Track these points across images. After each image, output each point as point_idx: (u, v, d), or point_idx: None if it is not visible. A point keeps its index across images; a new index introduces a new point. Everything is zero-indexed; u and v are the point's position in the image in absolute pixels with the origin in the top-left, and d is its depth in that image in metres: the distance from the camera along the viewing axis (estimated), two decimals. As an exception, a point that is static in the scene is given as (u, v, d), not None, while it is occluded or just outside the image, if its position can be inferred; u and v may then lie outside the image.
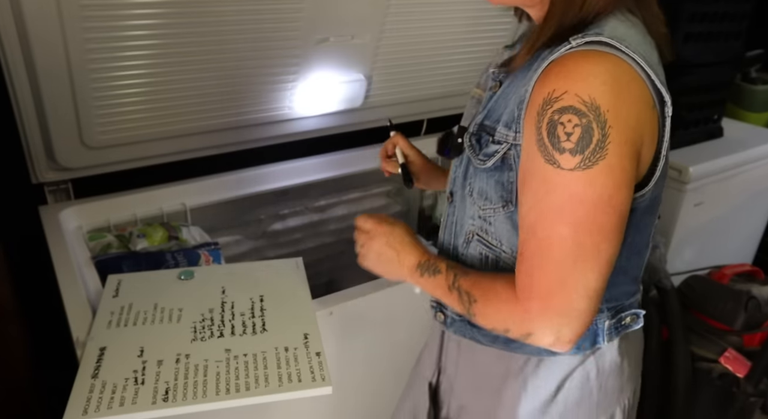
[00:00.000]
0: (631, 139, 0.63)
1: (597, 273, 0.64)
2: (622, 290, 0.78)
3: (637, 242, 0.75)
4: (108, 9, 1.05)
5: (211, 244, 1.29)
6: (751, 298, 1.45)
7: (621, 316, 0.79)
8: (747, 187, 1.90)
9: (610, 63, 0.63)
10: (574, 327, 0.65)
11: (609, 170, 0.62)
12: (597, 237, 0.63)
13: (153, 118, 1.26)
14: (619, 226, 0.65)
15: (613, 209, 0.63)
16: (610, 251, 0.64)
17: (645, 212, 0.72)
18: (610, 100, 0.62)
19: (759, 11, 2.01)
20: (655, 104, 0.66)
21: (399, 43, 1.46)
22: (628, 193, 0.64)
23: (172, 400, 0.78)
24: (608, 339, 0.79)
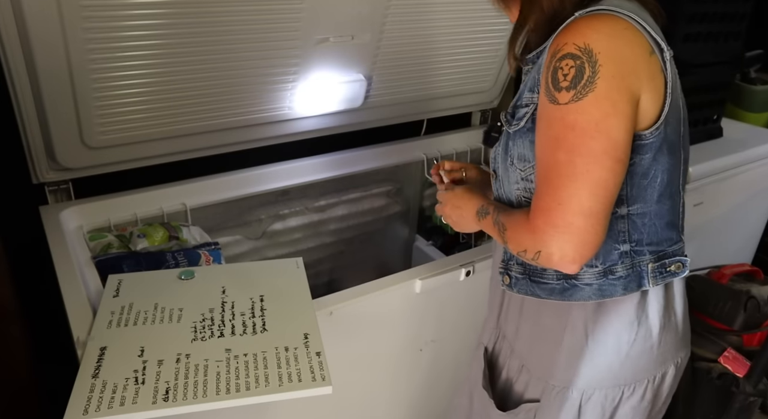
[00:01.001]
0: (621, 74, 0.73)
1: (588, 192, 0.72)
2: (662, 235, 0.84)
3: (663, 180, 0.81)
4: (108, 9, 1.05)
5: (212, 244, 1.29)
6: (750, 298, 1.45)
7: (665, 262, 0.85)
8: (746, 187, 1.91)
9: (607, 18, 0.74)
10: (575, 244, 0.73)
11: (596, 101, 0.72)
12: (587, 159, 0.72)
13: (153, 118, 1.26)
14: (610, 150, 0.72)
15: (600, 133, 0.72)
16: (601, 173, 0.72)
17: (663, 150, 0.79)
18: (602, 44, 0.72)
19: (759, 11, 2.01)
20: (654, 51, 0.75)
21: (399, 43, 1.46)
22: (617, 121, 0.72)
23: (172, 400, 0.78)
24: (653, 282, 0.85)
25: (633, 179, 0.80)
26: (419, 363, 1.26)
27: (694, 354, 1.45)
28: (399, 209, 1.81)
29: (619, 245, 0.83)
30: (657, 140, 0.78)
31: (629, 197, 0.81)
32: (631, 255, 0.84)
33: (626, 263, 0.84)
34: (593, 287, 0.84)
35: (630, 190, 0.80)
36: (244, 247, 1.54)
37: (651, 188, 0.81)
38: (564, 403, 0.92)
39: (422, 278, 1.14)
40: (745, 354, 1.42)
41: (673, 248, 0.86)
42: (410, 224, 1.87)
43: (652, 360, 0.90)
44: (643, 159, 0.79)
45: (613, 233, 0.82)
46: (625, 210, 0.81)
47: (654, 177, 0.80)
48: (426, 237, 1.85)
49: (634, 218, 0.82)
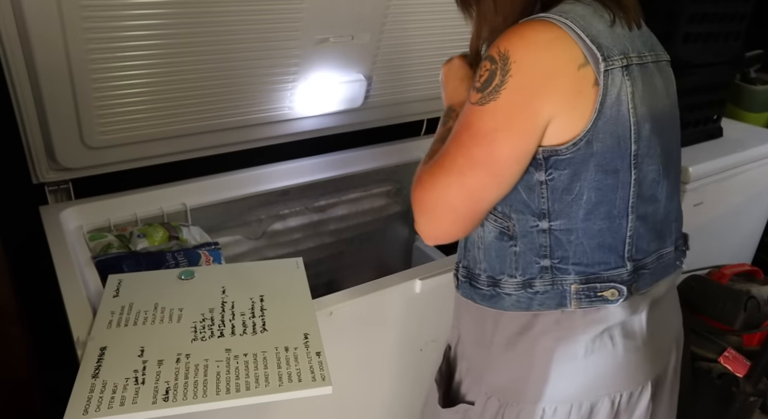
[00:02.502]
0: (529, 88, 0.72)
1: (456, 190, 0.76)
2: (593, 257, 0.80)
3: (592, 199, 0.77)
4: (108, 9, 1.05)
5: (212, 244, 1.29)
6: (750, 298, 1.45)
7: (596, 286, 0.81)
8: (746, 187, 1.91)
9: (540, 25, 0.73)
10: (431, 226, 0.80)
11: (494, 111, 0.73)
12: (466, 162, 0.75)
13: (153, 118, 1.26)
14: (487, 163, 0.74)
15: (486, 144, 0.74)
16: (473, 181, 0.75)
17: (588, 167, 0.75)
18: (521, 53, 0.72)
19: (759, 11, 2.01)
20: (588, 62, 0.72)
21: (399, 43, 1.46)
22: (505, 137, 0.73)
23: (172, 400, 0.78)
24: (576, 304, 0.81)
25: (554, 193, 0.78)
26: (419, 363, 1.26)
27: (694, 354, 1.45)
28: (399, 209, 1.81)
29: (540, 260, 0.81)
30: (577, 157, 0.75)
31: (551, 212, 0.79)
32: (552, 271, 0.81)
33: (546, 279, 0.82)
34: (512, 297, 0.84)
35: (552, 204, 0.78)
36: (244, 247, 1.54)
37: (576, 205, 0.78)
38: (491, 411, 0.91)
39: (422, 278, 1.14)
40: (745, 354, 1.42)
41: (609, 273, 0.81)
42: (410, 224, 1.87)
43: (576, 384, 0.85)
44: (561, 174, 0.76)
45: (534, 246, 0.81)
46: (547, 225, 0.79)
47: (579, 194, 0.77)
48: (426, 237, 1.85)
49: (557, 235, 0.80)
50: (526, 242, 0.81)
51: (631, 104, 0.75)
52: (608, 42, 0.74)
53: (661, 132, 0.81)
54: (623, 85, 0.74)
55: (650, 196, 0.82)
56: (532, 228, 0.80)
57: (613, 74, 0.73)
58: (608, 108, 0.74)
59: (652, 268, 0.86)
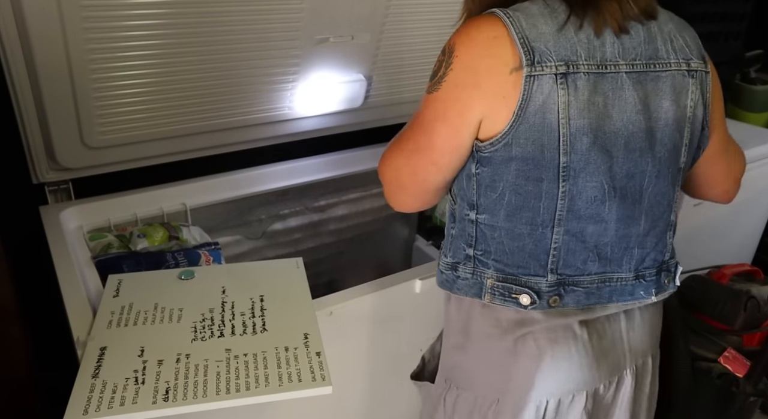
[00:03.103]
0: (464, 84, 0.75)
1: (405, 170, 0.83)
2: (513, 259, 0.82)
3: (512, 202, 0.78)
4: (108, 9, 1.05)
5: (212, 244, 1.29)
6: (750, 298, 1.45)
7: (511, 287, 0.82)
8: (747, 187, 1.90)
9: (487, 22, 0.75)
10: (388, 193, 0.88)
11: (434, 101, 0.78)
12: (413, 146, 0.81)
13: (153, 118, 1.26)
14: (424, 149, 0.80)
15: (428, 132, 0.79)
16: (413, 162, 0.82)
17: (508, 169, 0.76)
18: (463, 49, 0.75)
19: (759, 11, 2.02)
20: (522, 66, 0.72)
21: (399, 43, 1.46)
22: (441, 127, 0.78)
23: (172, 400, 0.78)
24: (489, 298, 0.83)
25: (480, 188, 0.80)
26: (419, 363, 1.26)
27: (694, 354, 1.45)
28: (399, 209, 1.81)
29: (466, 248, 0.85)
30: (496, 157, 0.76)
31: (479, 205, 0.82)
32: (474, 261, 0.85)
33: (468, 268, 0.85)
34: (443, 276, 0.90)
35: (479, 198, 0.81)
36: (244, 247, 1.54)
37: (499, 205, 0.79)
38: (437, 389, 0.98)
39: (422, 278, 1.14)
40: (745, 354, 1.42)
41: (528, 278, 0.81)
42: (410, 224, 1.87)
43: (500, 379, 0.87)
44: (485, 171, 0.79)
45: (464, 233, 0.85)
46: (474, 216, 0.83)
47: (502, 194, 0.78)
48: (426, 237, 1.85)
49: (483, 228, 0.82)
50: (460, 228, 0.86)
51: (563, 114, 0.72)
52: (547, 46, 0.72)
53: (613, 149, 0.76)
54: (553, 93, 0.72)
55: (590, 215, 0.78)
56: (465, 216, 0.84)
57: (540, 80, 0.72)
58: (532, 114, 0.73)
59: (590, 289, 0.83)
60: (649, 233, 0.84)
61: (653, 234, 0.84)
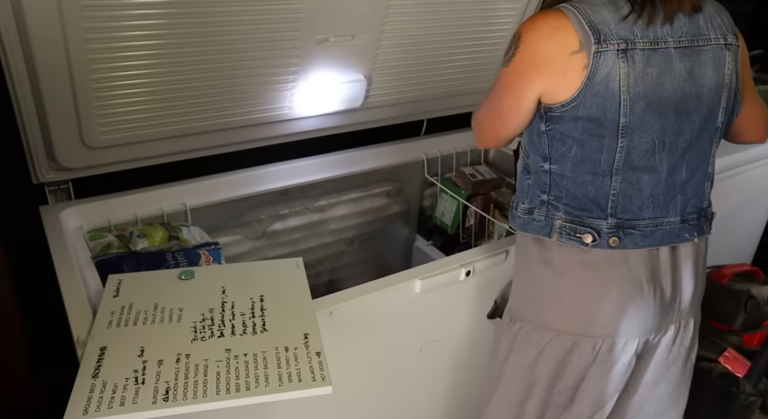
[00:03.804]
0: (526, 64, 0.93)
1: (484, 116, 1.07)
2: (579, 203, 0.97)
3: (578, 155, 0.94)
4: (108, 9, 1.05)
5: (212, 244, 1.29)
6: (750, 298, 1.45)
7: (577, 227, 0.98)
8: (747, 187, 1.90)
9: (551, 15, 0.92)
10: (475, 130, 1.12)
11: (506, 73, 0.97)
12: (491, 102, 1.04)
13: (153, 118, 1.26)
14: (498, 107, 1.01)
15: (498, 96, 1.00)
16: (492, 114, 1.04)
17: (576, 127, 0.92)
18: (528, 36, 0.93)
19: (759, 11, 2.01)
20: (582, 49, 0.88)
21: (399, 43, 1.46)
22: (508, 93, 0.97)
23: (172, 400, 0.78)
24: (557, 237, 0.99)
25: (552, 141, 0.96)
26: (419, 363, 1.26)
27: (694, 354, 1.45)
28: (399, 209, 1.81)
29: (541, 194, 1.01)
30: (566, 116, 0.92)
31: (551, 157, 0.97)
32: (547, 206, 1.00)
33: (542, 210, 1.01)
34: (520, 220, 1.05)
35: (551, 151, 0.97)
36: (244, 247, 1.54)
37: (566, 157, 0.95)
38: (503, 323, 1.12)
39: (422, 278, 1.14)
40: (745, 354, 1.42)
41: (591, 220, 0.97)
42: (410, 224, 1.87)
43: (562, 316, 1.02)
44: (556, 127, 0.94)
45: (540, 182, 1.01)
46: (548, 166, 0.98)
47: (569, 148, 0.94)
48: (426, 237, 1.85)
49: (554, 177, 0.98)
50: (535, 178, 1.02)
51: (624, 83, 0.88)
52: (609, 28, 0.88)
53: (664, 111, 0.91)
54: (616, 65, 0.88)
55: (644, 166, 0.94)
56: (540, 167, 1.00)
57: (605, 55, 0.88)
58: (597, 83, 0.89)
59: (645, 232, 0.98)
60: (689, 182, 0.99)
61: (692, 183, 0.99)
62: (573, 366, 1.02)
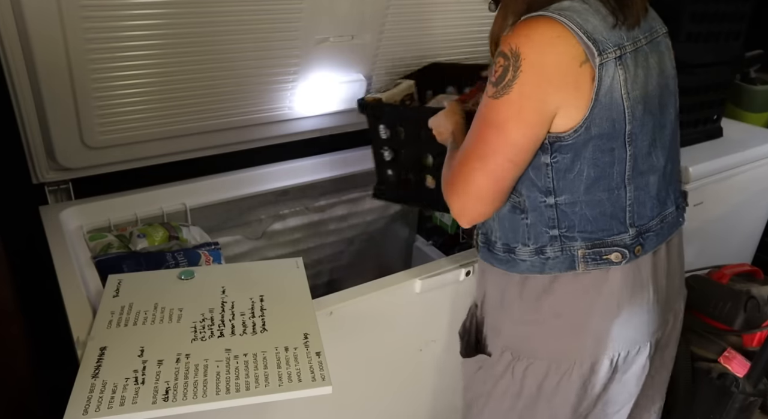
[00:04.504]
0: (537, 83, 0.80)
1: (481, 174, 0.86)
2: (597, 225, 0.90)
3: (591, 175, 0.87)
4: (108, 9, 1.05)
5: (212, 244, 1.29)
6: (750, 298, 1.45)
7: (601, 250, 0.91)
8: (747, 187, 1.90)
9: (543, 24, 0.80)
10: (462, 208, 0.90)
11: (508, 103, 0.82)
12: (487, 148, 0.85)
13: (153, 118, 1.26)
14: (504, 149, 0.84)
15: (501, 132, 0.83)
16: (493, 165, 0.85)
17: (587, 148, 0.85)
18: (530, 51, 0.80)
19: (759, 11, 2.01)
20: (588, 59, 0.80)
21: (399, 43, 1.46)
22: (517, 126, 0.82)
23: (172, 400, 0.78)
24: (584, 267, 0.91)
25: (558, 173, 0.87)
26: (419, 363, 1.26)
27: (694, 354, 1.45)
28: (399, 209, 1.81)
29: (549, 230, 0.92)
30: (578, 141, 0.84)
31: (556, 189, 0.88)
32: (561, 240, 0.91)
33: (556, 247, 0.92)
34: (527, 263, 0.95)
35: (557, 183, 0.88)
36: (244, 247, 1.54)
37: (578, 181, 0.87)
38: (504, 362, 1.02)
39: (422, 278, 1.14)
40: (745, 354, 1.42)
41: (613, 238, 0.91)
42: (410, 224, 1.87)
43: (578, 344, 0.96)
44: (565, 157, 0.86)
45: (543, 218, 0.91)
46: (553, 200, 0.89)
47: (580, 172, 0.86)
48: (426, 237, 1.85)
49: (563, 208, 0.89)
50: (535, 215, 0.92)
51: (624, 90, 0.83)
52: (603, 36, 0.81)
53: (653, 109, 0.89)
54: (616, 74, 0.82)
55: (647, 168, 0.90)
56: (541, 203, 0.90)
57: (606, 66, 0.81)
58: (603, 96, 0.82)
59: (657, 230, 0.95)
60: (673, 170, 0.98)
61: (675, 170, 0.98)
62: (593, 387, 0.98)
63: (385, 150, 1.36)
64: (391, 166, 1.38)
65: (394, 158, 1.37)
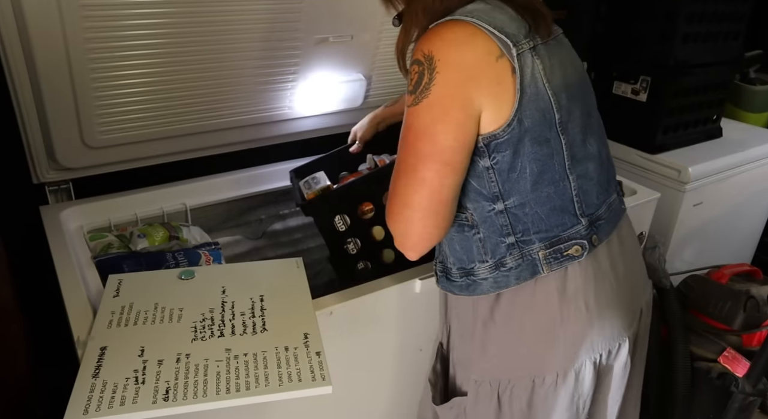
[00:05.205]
0: (456, 81, 0.78)
1: (414, 189, 0.81)
2: (550, 222, 0.87)
3: (534, 170, 0.84)
4: (108, 9, 1.05)
5: (212, 244, 1.29)
6: (750, 298, 1.45)
7: (560, 247, 0.88)
8: (746, 187, 1.91)
9: (455, 25, 0.79)
10: (403, 232, 0.85)
11: (429, 107, 0.79)
12: (415, 159, 0.81)
13: (153, 118, 1.26)
14: (435, 154, 0.80)
15: (429, 138, 0.80)
16: (425, 174, 0.80)
17: (524, 143, 0.82)
18: (444, 51, 0.78)
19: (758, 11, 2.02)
20: (503, 53, 0.79)
21: (399, 44, 1.46)
22: (444, 128, 0.79)
23: (172, 400, 0.78)
24: (548, 268, 0.88)
25: (501, 175, 0.84)
26: (419, 362, 1.26)
27: (694, 354, 1.45)
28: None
29: (505, 238, 0.88)
30: (513, 137, 0.82)
31: (503, 193, 0.85)
32: (518, 246, 0.88)
33: (515, 255, 0.88)
34: (489, 280, 0.90)
35: (502, 186, 0.85)
36: (244, 247, 1.54)
37: (522, 180, 0.84)
38: (484, 395, 0.97)
39: (422, 278, 1.14)
40: (745, 354, 1.42)
41: (568, 232, 0.88)
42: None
43: (557, 353, 0.91)
44: (504, 156, 0.83)
45: (496, 228, 0.88)
46: (502, 206, 0.86)
47: (522, 170, 0.84)
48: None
49: (514, 211, 0.86)
50: (487, 227, 0.88)
51: (545, 79, 0.82)
52: (513, 29, 0.80)
53: (576, 97, 0.87)
54: (534, 64, 0.81)
55: (583, 156, 0.89)
56: (490, 212, 0.87)
57: (524, 57, 0.80)
58: (527, 87, 0.80)
59: (607, 217, 0.93)
60: (607, 155, 0.97)
61: (608, 156, 0.97)
62: (580, 392, 0.94)
63: (349, 243, 1.18)
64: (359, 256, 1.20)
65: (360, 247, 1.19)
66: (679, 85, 1.69)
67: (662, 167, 1.72)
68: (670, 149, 1.77)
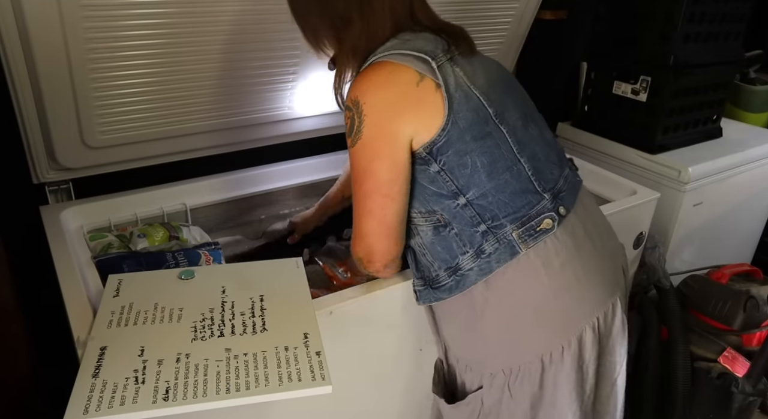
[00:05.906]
0: (382, 121, 0.88)
1: (367, 218, 0.93)
2: (515, 204, 0.93)
3: (485, 162, 0.91)
4: (108, 9, 1.05)
5: (212, 244, 1.29)
6: (750, 298, 1.45)
7: (531, 224, 0.94)
8: (746, 187, 1.91)
9: (377, 67, 0.90)
10: (367, 252, 0.97)
11: (362, 148, 0.90)
12: (362, 194, 0.92)
13: (153, 118, 1.26)
14: (376, 189, 0.91)
15: (370, 175, 0.91)
16: (373, 206, 0.92)
17: (464, 140, 0.90)
18: (367, 95, 0.89)
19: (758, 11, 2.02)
20: (423, 76, 0.88)
21: (399, 44, 1.46)
22: (380, 164, 0.90)
23: (172, 399, 0.78)
24: (525, 246, 0.93)
25: (453, 173, 0.92)
26: (419, 362, 1.26)
27: (694, 354, 1.45)
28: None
29: (477, 228, 0.94)
30: (451, 138, 0.89)
31: (461, 188, 0.92)
32: (492, 232, 0.94)
33: (491, 240, 0.94)
34: (474, 270, 0.95)
35: (457, 182, 0.92)
36: (244, 247, 1.54)
37: (476, 174, 0.91)
38: (498, 385, 1.01)
39: (422, 278, 1.14)
40: (745, 354, 1.42)
41: (536, 209, 0.94)
42: (410, 224, 1.87)
43: (557, 326, 0.96)
44: (449, 156, 0.90)
45: (466, 220, 0.94)
46: (464, 200, 0.93)
47: (473, 164, 0.91)
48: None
49: (477, 202, 0.93)
50: (458, 221, 0.94)
51: (469, 82, 0.91)
52: (430, 48, 0.91)
53: (506, 92, 0.97)
54: (455, 71, 0.91)
55: (528, 139, 0.96)
56: (456, 207, 0.93)
57: (444, 67, 0.90)
58: (454, 92, 0.89)
59: (567, 189, 0.99)
60: (550, 137, 1.04)
61: (552, 137, 1.04)
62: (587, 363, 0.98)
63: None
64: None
65: None
66: (679, 85, 1.69)
67: (662, 167, 1.72)
68: (670, 149, 1.77)
